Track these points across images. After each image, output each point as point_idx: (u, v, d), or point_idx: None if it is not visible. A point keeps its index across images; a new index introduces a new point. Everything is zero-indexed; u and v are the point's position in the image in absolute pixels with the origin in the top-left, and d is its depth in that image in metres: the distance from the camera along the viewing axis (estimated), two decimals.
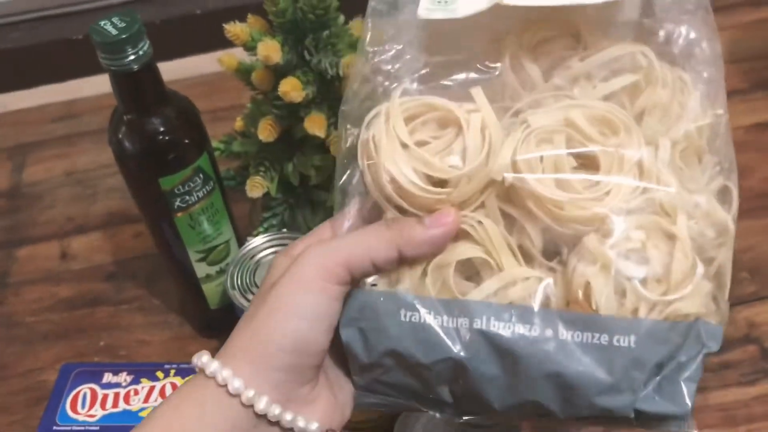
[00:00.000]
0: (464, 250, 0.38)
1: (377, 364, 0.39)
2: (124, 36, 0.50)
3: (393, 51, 0.42)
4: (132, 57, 0.51)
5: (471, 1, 0.39)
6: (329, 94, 0.59)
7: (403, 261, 0.38)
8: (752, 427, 0.59)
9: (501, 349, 0.37)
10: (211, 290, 0.66)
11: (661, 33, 0.41)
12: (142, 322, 0.72)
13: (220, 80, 0.95)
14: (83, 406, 0.63)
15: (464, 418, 0.40)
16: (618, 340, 0.36)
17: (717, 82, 0.42)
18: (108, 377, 0.65)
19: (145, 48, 0.51)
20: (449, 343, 0.37)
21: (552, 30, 0.41)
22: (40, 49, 0.95)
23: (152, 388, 0.64)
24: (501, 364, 0.37)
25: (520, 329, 0.36)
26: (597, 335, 0.36)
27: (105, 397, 0.64)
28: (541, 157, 0.37)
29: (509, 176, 0.37)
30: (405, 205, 0.38)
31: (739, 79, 0.88)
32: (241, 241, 0.65)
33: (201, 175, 0.58)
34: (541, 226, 0.37)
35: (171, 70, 0.94)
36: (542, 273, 0.38)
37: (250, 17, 0.60)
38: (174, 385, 0.64)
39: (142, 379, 0.65)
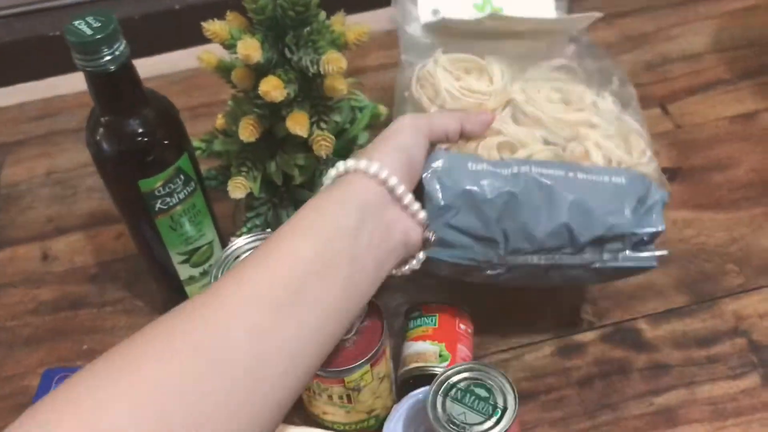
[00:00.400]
0: (498, 138, 0.57)
1: (450, 206, 0.52)
2: (99, 36, 0.49)
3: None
4: (108, 57, 0.50)
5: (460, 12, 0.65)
6: (311, 92, 0.58)
7: (463, 136, 0.56)
8: (740, 420, 0.59)
9: (541, 185, 0.53)
10: (194, 292, 0.65)
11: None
12: (126, 324, 0.71)
13: (199, 76, 0.94)
14: None
15: (508, 258, 0.55)
16: (614, 180, 0.55)
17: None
18: None
19: (121, 48, 0.50)
20: (506, 182, 0.53)
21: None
22: (16, 46, 0.93)
23: None
24: (542, 196, 0.53)
25: (553, 171, 0.54)
26: (602, 176, 0.55)
27: None
28: (539, 90, 0.61)
29: (521, 96, 0.60)
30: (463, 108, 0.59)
31: (724, 69, 0.88)
32: (224, 242, 0.65)
33: (181, 176, 0.57)
34: (540, 128, 0.58)
35: (149, 67, 0.93)
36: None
37: (229, 14, 0.59)
38: None
39: None
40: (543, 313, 0.67)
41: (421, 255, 0.53)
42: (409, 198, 0.50)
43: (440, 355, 0.60)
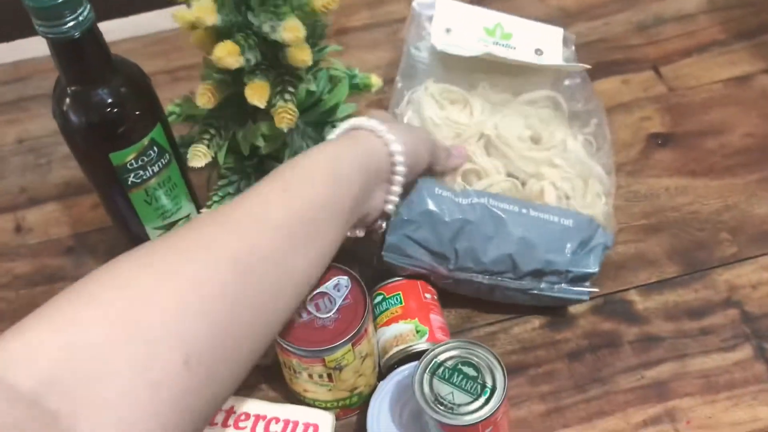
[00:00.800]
0: (466, 166, 0.65)
1: (412, 221, 0.59)
2: (60, 0, 0.45)
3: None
4: (71, 23, 0.47)
5: (462, 47, 0.70)
6: (276, 60, 0.55)
7: (447, 166, 0.63)
8: (733, 393, 0.58)
9: (494, 217, 0.60)
10: None
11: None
12: None
13: (179, 38, 0.90)
14: None
15: (455, 273, 0.61)
16: (562, 221, 0.61)
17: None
18: None
19: (85, 13, 0.47)
20: (465, 210, 0.60)
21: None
22: None
23: None
24: (493, 226, 0.60)
25: (508, 206, 0.60)
26: (552, 216, 0.61)
27: None
28: (511, 127, 0.66)
29: (494, 131, 0.66)
30: (438, 136, 0.65)
31: (719, 30, 0.85)
32: None
33: (155, 148, 0.54)
34: (507, 162, 0.65)
35: (123, 29, 0.89)
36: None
37: None
38: None
39: None
40: None
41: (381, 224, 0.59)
42: (400, 180, 0.55)
43: (417, 331, 0.58)
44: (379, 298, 0.61)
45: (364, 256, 0.62)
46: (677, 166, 0.73)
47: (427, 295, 0.62)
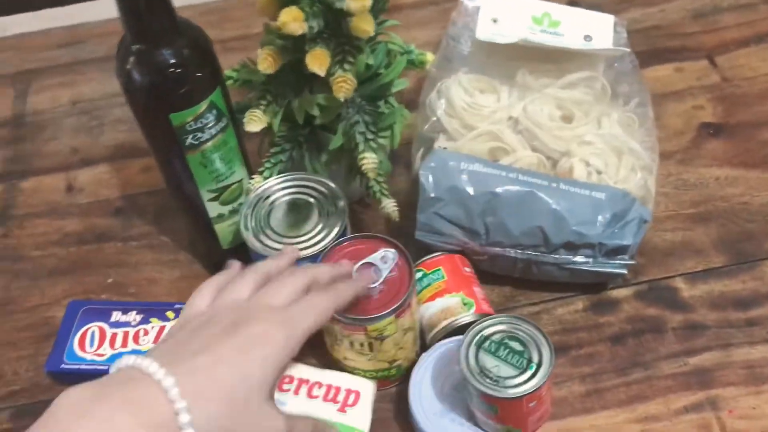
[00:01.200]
0: (491, 144, 0.65)
1: (439, 198, 0.60)
2: None
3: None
4: None
5: (506, 35, 0.69)
6: (339, 30, 0.55)
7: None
8: None
9: (523, 189, 0.60)
10: (223, 230, 0.63)
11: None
12: (151, 260, 0.70)
13: (231, 8, 0.91)
14: (92, 345, 0.62)
15: (488, 249, 0.61)
16: (593, 194, 0.60)
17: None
18: (116, 316, 0.64)
19: None
20: (491, 183, 0.60)
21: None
22: None
23: (162, 328, 0.63)
24: (523, 199, 0.59)
25: (537, 180, 0.60)
26: (583, 189, 0.60)
27: (114, 336, 0.63)
28: (542, 108, 0.66)
29: (522, 113, 0.65)
30: (466, 120, 0.66)
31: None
32: None
33: (214, 111, 0.55)
34: (537, 142, 0.64)
35: None
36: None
37: None
38: None
39: (151, 319, 0.63)
40: None
41: None
42: None
43: (464, 304, 0.58)
44: (419, 275, 0.61)
45: (411, 231, 0.62)
46: (729, 156, 0.72)
47: (467, 269, 0.62)
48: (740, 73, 0.79)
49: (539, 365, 0.50)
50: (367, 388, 0.57)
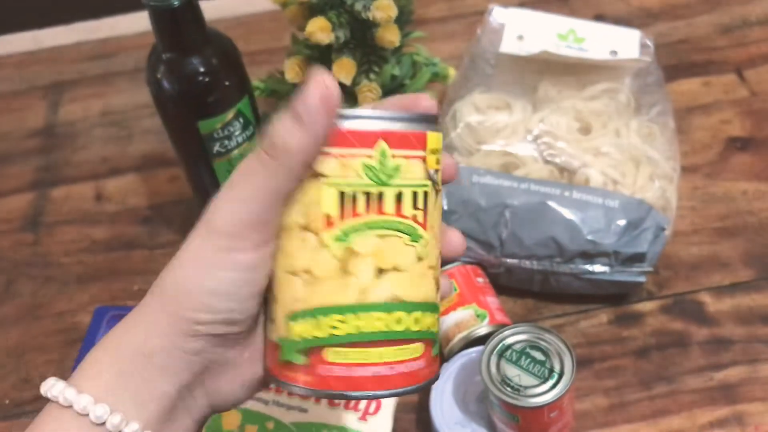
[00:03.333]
0: (503, 159, 0.64)
1: (452, 211, 0.61)
2: None
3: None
4: None
5: (529, 47, 0.69)
6: (365, 40, 0.56)
7: None
8: None
9: (536, 200, 0.60)
10: None
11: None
12: None
13: (259, 22, 0.93)
14: None
15: (504, 260, 0.61)
16: (607, 202, 0.60)
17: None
18: None
19: None
20: (503, 194, 0.60)
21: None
22: None
23: None
24: (536, 210, 0.60)
25: (549, 189, 0.60)
26: (595, 197, 0.60)
27: None
28: (558, 120, 0.65)
29: (539, 126, 0.65)
30: (478, 137, 0.65)
31: None
32: None
33: (241, 120, 0.56)
34: (554, 155, 0.64)
35: (208, 10, 0.92)
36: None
37: None
38: None
39: None
40: None
41: None
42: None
43: (477, 315, 0.58)
44: None
45: None
46: (756, 171, 0.72)
47: (479, 279, 0.62)
48: None
49: (561, 375, 0.50)
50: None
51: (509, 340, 0.52)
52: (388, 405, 0.56)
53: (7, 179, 0.80)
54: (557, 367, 0.50)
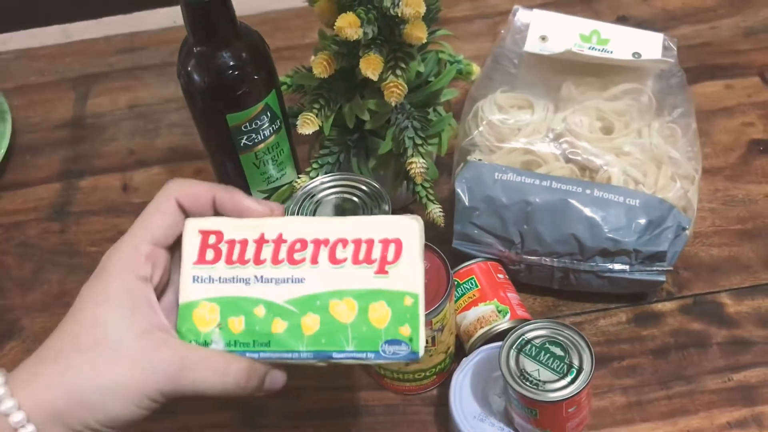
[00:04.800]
0: (524, 157, 0.65)
1: (475, 208, 0.62)
2: None
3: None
4: None
5: (553, 47, 0.69)
6: (392, 36, 0.57)
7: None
8: None
9: (556, 197, 0.60)
10: None
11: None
12: None
13: (284, 18, 0.94)
14: None
15: (524, 257, 0.62)
16: (628, 201, 0.60)
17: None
18: None
19: None
20: (525, 191, 0.61)
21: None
22: None
23: None
24: (557, 207, 0.60)
25: (570, 187, 0.61)
26: (617, 196, 0.60)
27: None
28: (581, 120, 0.66)
29: (561, 125, 0.65)
30: (500, 136, 0.66)
31: None
32: None
33: (269, 114, 0.56)
34: (576, 154, 0.64)
35: (234, 7, 0.93)
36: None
37: None
38: None
39: None
40: None
41: None
42: None
43: (498, 311, 0.59)
44: None
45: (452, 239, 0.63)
46: None
47: (500, 275, 0.62)
48: None
49: (580, 370, 0.50)
50: (411, 231, 0.42)
51: (529, 335, 0.52)
52: (412, 242, 0.42)
53: (35, 169, 0.81)
54: (576, 363, 0.50)
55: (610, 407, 0.59)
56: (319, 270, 0.42)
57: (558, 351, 0.51)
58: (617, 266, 0.61)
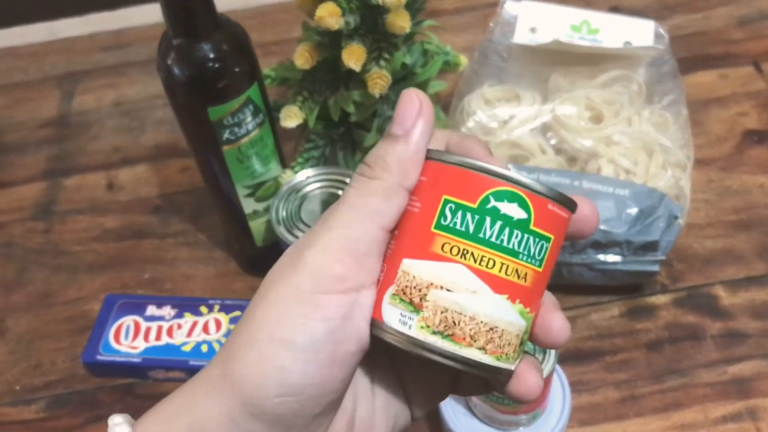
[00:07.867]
0: (510, 151, 0.65)
1: None
2: None
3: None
4: None
5: (542, 39, 0.68)
6: (375, 26, 0.55)
7: None
8: None
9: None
10: (257, 227, 0.64)
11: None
12: (188, 257, 0.71)
13: (272, 12, 0.92)
14: (126, 338, 0.63)
15: None
16: (618, 192, 0.60)
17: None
18: (151, 310, 0.65)
19: None
20: None
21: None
22: None
23: (195, 323, 0.63)
24: None
25: (559, 179, 0.60)
26: (606, 187, 0.60)
27: (148, 329, 0.64)
28: (569, 109, 0.65)
29: (549, 115, 0.65)
30: (487, 130, 0.66)
31: None
32: None
33: (251, 107, 0.55)
34: (565, 144, 0.64)
35: (219, 2, 0.92)
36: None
37: None
38: (218, 321, 0.63)
39: (185, 314, 0.64)
40: None
41: None
42: None
43: None
44: None
45: None
46: None
47: None
48: None
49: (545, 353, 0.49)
50: None
51: None
52: None
53: (20, 168, 0.80)
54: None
55: (603, 402, 0.58)
56: None
57: None
58: (610, 258, 0.60)
